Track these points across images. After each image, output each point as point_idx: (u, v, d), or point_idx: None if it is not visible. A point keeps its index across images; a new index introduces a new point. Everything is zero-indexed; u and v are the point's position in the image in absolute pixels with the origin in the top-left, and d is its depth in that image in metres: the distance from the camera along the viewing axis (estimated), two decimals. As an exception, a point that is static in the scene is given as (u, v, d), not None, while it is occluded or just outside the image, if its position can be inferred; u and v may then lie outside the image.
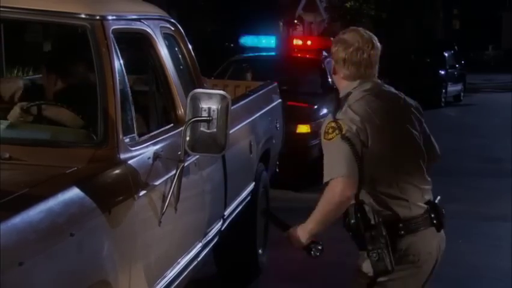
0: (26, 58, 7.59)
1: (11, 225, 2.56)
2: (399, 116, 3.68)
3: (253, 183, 5.99)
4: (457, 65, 22.36)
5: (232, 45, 21.89)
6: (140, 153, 3.66)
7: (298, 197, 9.43)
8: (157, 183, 3.72)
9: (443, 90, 20.62)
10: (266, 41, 12.32)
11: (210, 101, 3.68)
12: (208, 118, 3.66)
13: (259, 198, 6.15)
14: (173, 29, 4.73)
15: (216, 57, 12.68)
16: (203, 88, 4.27)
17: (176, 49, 4.75)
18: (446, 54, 21.69)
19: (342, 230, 7.69)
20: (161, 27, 4.49)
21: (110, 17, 3.80)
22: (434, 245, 3.71)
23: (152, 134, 3.98)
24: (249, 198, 5.85)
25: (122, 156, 3.49)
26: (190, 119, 3.64)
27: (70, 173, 3.21)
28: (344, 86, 3.66)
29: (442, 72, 20.86)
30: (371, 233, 3.52)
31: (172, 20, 4.76)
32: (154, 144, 3.86)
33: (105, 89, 3.57)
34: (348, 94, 3.61)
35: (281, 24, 28.80)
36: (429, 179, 3.75)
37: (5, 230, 2.51)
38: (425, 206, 3.64)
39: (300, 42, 12.16)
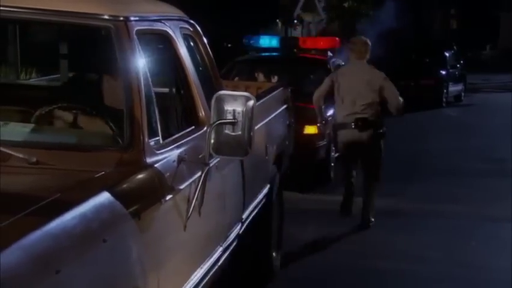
0: (35, 59, 7.49)
1: (46, 232, 2.50)
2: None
3: (268, 185, 5.94)
4: (458, 65, 22.32)
5: (229, 45, 21.81)
6: (166, 157, 3.61)
7: (305, 198, 9.39)
8: (182, 186, 3.67)
9: (445, 91, 20.58)
10: (270, 42, 12.25)
11: (235, 103, 3.63)
12: (233, 120, 3.62)
13: (273, 201, 6.09)
14: (191, 29, 4.68)
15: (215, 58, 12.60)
16: (227, 90, 4.22)
17: (195, 50, 4.69)
18: (447, 54, 21.64)
19: (356, 233, 7.77)
20: (180, 27, 4.43)
21: (133, 18, 3.74)
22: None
23: (175, 136, 3.92)
24: (264, 200, 5.80)
25: (149, 160, 3.44)
26: (215, 122, 3.60)
27: (99, 177, 3.15)
28: None
29: (443, 72, 20.81)
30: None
31: (191, 21, 4.70)
32: (178, 147, 3.80)
33: (130, 92, 3.51)
34: None
35: (280, 24, 28.76)
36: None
37: (41, 236, 2.46)
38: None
39: (308, 42, 12.10)
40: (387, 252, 7.27)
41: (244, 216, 5.11)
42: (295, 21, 30.25)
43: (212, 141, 3.62)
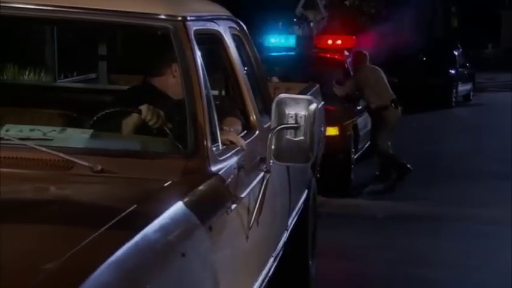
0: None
1: (133, 246, 2.38)
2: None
3: (306, 190, 5.83)
4: (467, 64, 22.24)
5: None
6: (227, 164, 3.48)
7: (328, 202, 9.28)
8: (243, 195, 3.55)
9: (454, 90, 20.49)
10: (285, 41, 12.13)
11: (297, 107, 3.52)
12: (295, 125, 3.50)
13: (310, 206, 5.98)
14: (238, 29, 4.55)
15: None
16: (288, 93, 4.09)
17: (243, 50, 4.57)
18: (456, 53, 21.55)
19: (387, 238, 7.65)
20: (229, 27, 4.31)
21: (190, 18, 3.62)
22: None
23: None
24: (302, 206, 5.68)
25: (213, 167, 3.31)
26: (277, 126, 3.48)
27: (168, 187, 3.02)
28: None
29: (453, 72, 20.73)
30: None
31: (238, 20, 4.58)
32: (236, 153, 3.68)
33: (192, 95, 3.38)
34: None
35: (280, 24, 28.61)
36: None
37: (129, 251, 2.33)
38: None
39: (329, 41, 11.98)
40: (423, 259, 7.16)
41: (288, 224, 4.99)
42: (295, 19, 30.12)
43: (273, 147, 3.51)
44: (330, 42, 12.05)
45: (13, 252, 2.19)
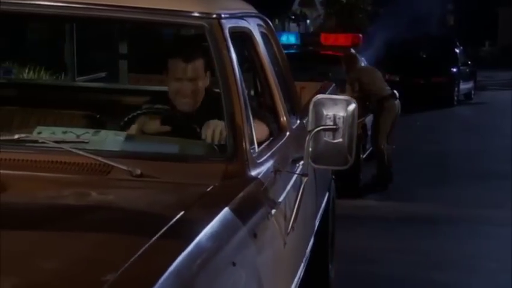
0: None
1: (189, 255, 2.29)
2: None
3: (328, 192, 5.74)
4: (469, 62, 22.20)
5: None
6: (265, 167, 3.40)
7: (339, 204, 9.18)
8: (280, 199, 3.47)
9: (456, 89, 20.44)
10: (287, 38, 12.04)
11: (335, 108, 3.43)
12: (334, 127, 3.42)
13: (330, 209, 5.90)
14: (265, 26, 4.46)
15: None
16: (326, 94, 4.01)
17: (271, 49, 4.47)
18: (457, 51, 21.51)
19: (403, 241, 7.58)
20: (258, 25, 4.22)
21: (224, 15, 3.53)
22: None
23: (265, 144, 3.70)
24: (324, 209, 5.60)
25: (252, 171, 3.22)
26: (315, 128, 3.40)
27: (211, 192, 2.93)
28: None
29: (454, 70, 20.67)
30: None
31: (265, 18, 4.49)
32: (271, 156, 3.59)
33: (230, 96, 3.29)
34: None
35: (276, 21, 28.58)
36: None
37: (187, 260, 2.24)
38: None
39: (335, 39, 11.90)
40: (442, 262, 7.08)
41: (315, 227, 4.92)
42: (293, 16, 30.08)
43: (310, 149, 3.42)
44: (336, 40, 11.96)
45: (71, 262, 2.11)
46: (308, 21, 32.86)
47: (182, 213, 2.59)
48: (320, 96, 3.48)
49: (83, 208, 2.65)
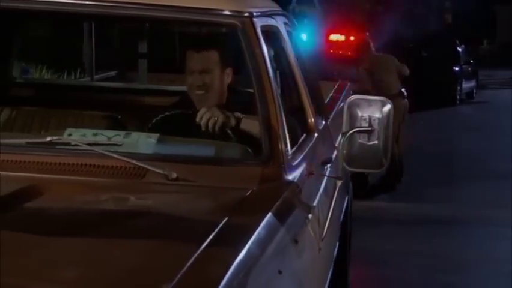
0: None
1: (240, 264, 2.21)
2: None
3: (347, 195, 5.67)
4: (471, 61, 22.15)
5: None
6: (300, 170, 3.32)
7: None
8: (315, 204, 3.40)
9: (458, 87, 20.38)
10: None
11: (370, 109, 3.37)
12: (369, 128, 3.35)
13: (349, 212, 5.82)
14: (290, 24, 4.39)
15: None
16: (361, 95, 3.93)
17: (296, 48, 4.39)
18: (459, 50, 21.45)
19: (417, 243, 7.50)
20: (284, 23, 4.15)
21: (256, 13, 3.46)
22: None
23: (297, 146, 3.62)
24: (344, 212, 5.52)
25: (288, 175, 3.14)
26: (350, 130, 3.33)
27: (252, 197, 2.85)
28: None
29: (457, 69, 20.61)
30: None
31: (289, 15, 4.42)
32: (304, 158, 3.51)
33: (265, 96, 3.21)
34: None
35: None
36: None
37: (237, 270, 2.16)
38: None
39: (341, 37, 11.81)
40: (457, 264, 7.02)
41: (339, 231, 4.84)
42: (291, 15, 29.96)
43: (344, 152, 3.35)
44: (342, 38, 11.88)
45: (125, 270, 2.06)
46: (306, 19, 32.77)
47: (226, 219, 2.52)
48: (354, 97, 3.42)
49: (125, 214, 2.58)
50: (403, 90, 10.28)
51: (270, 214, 2.66)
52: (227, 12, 3.35)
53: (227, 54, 3.73)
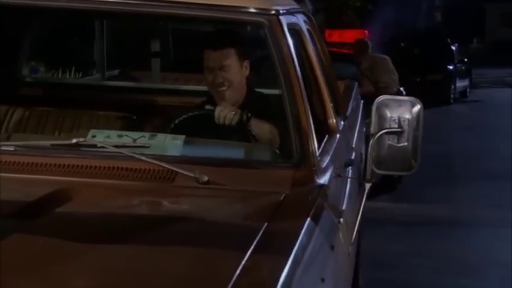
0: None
1: (289, 273, 2.13)
2: None
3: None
4: (465, 59, 22.14)
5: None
6: (328, 173, 3.24)
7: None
8: (344, 207, 3.33)
9: (452, 86, 20.35)
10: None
11: (400, 109, 3.31)
12: (399, 129, 3.28)
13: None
14: (309, 22, 4.32)
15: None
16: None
17: (317, 47, 4.32)
18: (453, 48, 21.43)
19: (426, 244, 7.44)
20: (304, 21, 4.08)
21: (282, 11, 3.38)
22: None
23: (322, 148, 3.54)
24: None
25: (320, 178, 3.06)
26: (379, 131, 3.26)
27: (287, 201, 2.77)
28: None
29: (451, 67, 20.57)
30: None
31: (309, 14, 4.34)
32: (331, 160, 3.44)
33: (294, 96, 3.14)
34: None
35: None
36: None
37: (287, 279, 2.09)
38: None
39: (335, 35, 11.75)
40: (465, 267, 6.95)
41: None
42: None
43: (373, 154, 3.27)
44: (341, 36, 11.82)
45: (176, 279, 1.99)
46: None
47: (265, 224, 2.44)
48: (383, 97, 3.35)
49: (163, 219, 2.50)
50: (402, 89, 10.25)
51: (309, 220, 2.58)
52: (252, 10, 3.27)
53: (243, 47, 3.67)
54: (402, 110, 3.31)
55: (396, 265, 6.96)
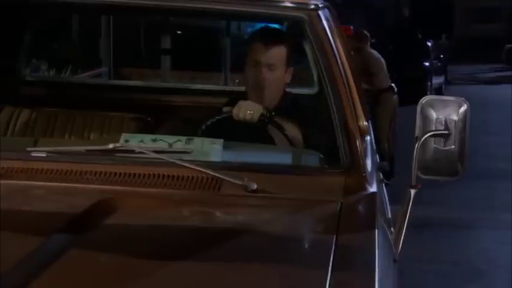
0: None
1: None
2: None
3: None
4: (441, 56, 22.14)
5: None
6: (374, 179, 3.10)
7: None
8: (390, 215, 3.19)
9: (429, 83, 20.31)
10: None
11: (446, 110, 3.17)
12: (446, 132, 3.14)
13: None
14: (335, 17, 4.17)
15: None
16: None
17: (345, 43, 4.17)
18: (429, 44, 21.41)
19: (435, 251, 7.32)
20: (331, 15, 3.93)
21: (320, 5, 3.24)
22: None
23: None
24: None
25: (370, 185, 2.92)
26: (425, 134, 3.12)
27: (346, 211, 2.61)
28: None
29: (427, 64, 20.54)
30: None
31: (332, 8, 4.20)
32: (372, 165, 3.29)
33: (340, 97, 3.01)
34: None
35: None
36: None
37: None
38: None
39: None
40: (472, 272, 6.87)
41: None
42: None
43: (418, 158, 3.13)
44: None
45: None
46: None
47: (335, 237, 2.29)
48: (428, 97, 3.21)
49: (224, 232, 2.34)
50: (393, 85, 10.18)
51: (376, 231, 2.44)
52: (289, 4, 3.13)
53: (293, 53, 3.51)
54: (449, 111, 3.17)
55: (403, 270, 6.84)
